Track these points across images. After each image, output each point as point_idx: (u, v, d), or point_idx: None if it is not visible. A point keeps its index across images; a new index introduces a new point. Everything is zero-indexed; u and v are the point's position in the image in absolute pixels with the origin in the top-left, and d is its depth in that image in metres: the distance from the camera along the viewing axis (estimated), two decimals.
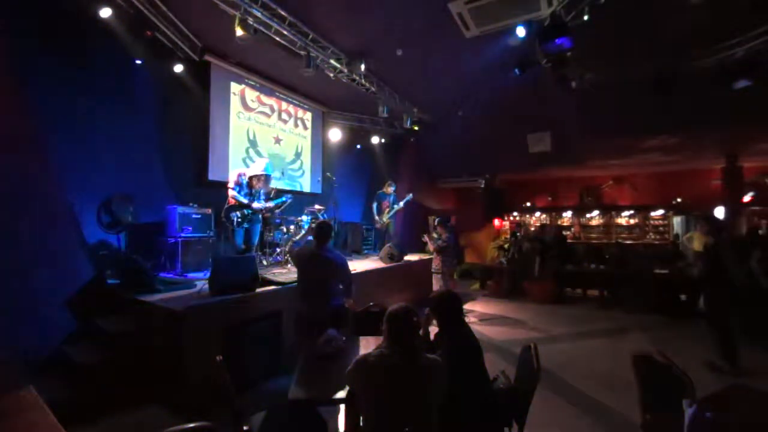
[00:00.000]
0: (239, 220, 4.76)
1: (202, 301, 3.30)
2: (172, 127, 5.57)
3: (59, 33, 4.11)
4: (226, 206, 4.83)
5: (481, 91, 6.92)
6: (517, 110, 7.59)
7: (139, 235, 4.83)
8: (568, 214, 11.64)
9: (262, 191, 5.01)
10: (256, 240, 5.06)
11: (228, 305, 3.35)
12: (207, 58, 5.87)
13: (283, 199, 5.20)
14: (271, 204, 5.06)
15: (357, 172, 9.58)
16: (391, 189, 7.37)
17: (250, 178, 4.95)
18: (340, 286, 3.30)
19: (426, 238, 6.23)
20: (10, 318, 2.98)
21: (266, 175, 4.99)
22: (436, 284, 6.01)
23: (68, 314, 3.41)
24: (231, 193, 4.81)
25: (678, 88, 5.68)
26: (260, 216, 5.06)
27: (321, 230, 3.29)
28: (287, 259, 5.21)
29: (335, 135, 8.75)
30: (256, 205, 4.88)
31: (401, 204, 7.27)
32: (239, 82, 6.58)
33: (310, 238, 5.46)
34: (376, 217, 7.27)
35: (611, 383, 3.57)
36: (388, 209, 7.29)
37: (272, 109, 7.30)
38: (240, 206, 4.82)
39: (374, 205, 7.33)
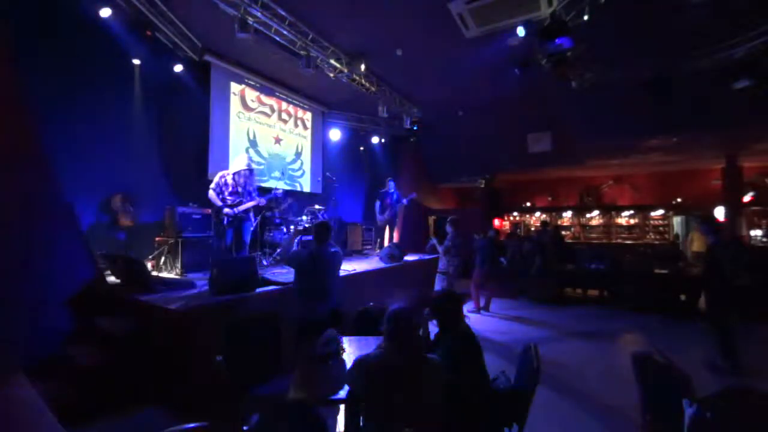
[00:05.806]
0: (230, 219, 4.73)
1: (202, 301, 3.29)
2: (172, 127, 5.57)
3: (59, 33, 4.11)
4: (215, 207, 4.77)
5: (481, 90, 6.92)
6: (517, 110, 7.60)
7: (139, 235, 4.83)
8: (568, 214, 11.63)
9: (249, 188, 4.86)
10: (248, 238, 4.94)
11: (228, 305, 3.34)
12: (207, 58, 5.87)
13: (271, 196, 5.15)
14: (248, 205, 4.82)
15: (357, 172, 9.58)
16: (392, 186, 7.38)
17: (233, 175, 4.81)
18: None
19: (434, 242, 6.23)
20: (10, 318, 2.97)
21: (249, 170, 4.87)
22: (439, 285, 6.01)
23: (68, 314, 3.41)
24: (210, 194, 4.70)
25: (678, 88, 5.68)
26: (248, 214, 4.92)
27: (320, 230, 3.29)
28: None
29: (335, 135, 8.76)
30: (226, 210, 4.71)
31: (405, 201, 7.26)
32: (239, 82, 6.57)
33: (303, 238, 5.46)
34: (378, 216, 7.28)
35: (611, 383, 3.57)
36: (390, 207, 7.30)
37: (272, 109, 7.30)
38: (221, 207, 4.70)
39: (377, 204, 7.35)
